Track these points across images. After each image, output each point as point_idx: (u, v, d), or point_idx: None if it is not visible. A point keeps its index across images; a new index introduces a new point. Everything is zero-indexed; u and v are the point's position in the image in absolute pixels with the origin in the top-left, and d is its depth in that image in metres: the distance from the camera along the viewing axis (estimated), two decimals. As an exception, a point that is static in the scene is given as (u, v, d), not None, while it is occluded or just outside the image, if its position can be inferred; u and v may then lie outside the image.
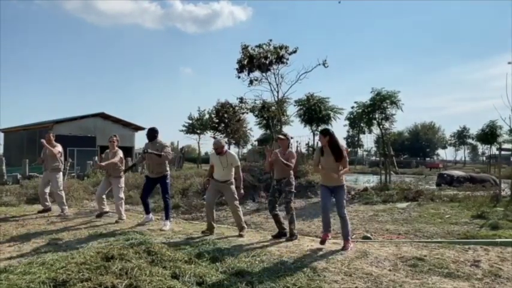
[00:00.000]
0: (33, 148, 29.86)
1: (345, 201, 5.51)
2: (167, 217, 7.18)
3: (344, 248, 5.17)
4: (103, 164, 7.81)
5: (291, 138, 6.32)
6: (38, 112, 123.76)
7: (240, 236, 6.19)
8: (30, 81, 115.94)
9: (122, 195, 7.84)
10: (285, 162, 5.82)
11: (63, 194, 8.53)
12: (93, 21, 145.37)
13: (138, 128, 38.05)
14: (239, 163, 6.54)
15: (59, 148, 8.52)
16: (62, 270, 3.86)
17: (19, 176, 16.97)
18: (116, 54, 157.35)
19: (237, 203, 6.40)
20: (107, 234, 6.12)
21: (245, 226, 6.54)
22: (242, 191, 6.49)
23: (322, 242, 5.37)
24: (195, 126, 40.34)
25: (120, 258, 4.28)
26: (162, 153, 6.91)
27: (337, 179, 5.34)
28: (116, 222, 7.42)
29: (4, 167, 17.49)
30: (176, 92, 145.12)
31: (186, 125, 40.74)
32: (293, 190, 6.03)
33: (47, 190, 8.56)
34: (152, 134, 7.13)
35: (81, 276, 3.69)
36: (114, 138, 8.01)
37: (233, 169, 6.44)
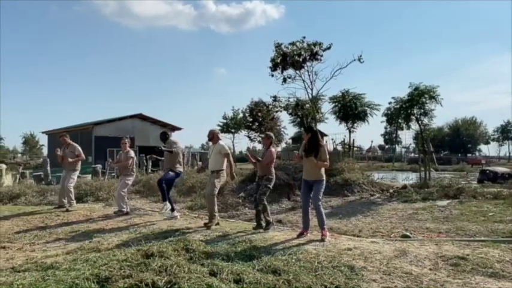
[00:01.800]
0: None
1: (321, 194, 5.76)
2: (163, 199, 7.64)
3: (322, 238, 5.44)
4: (114, 164, 8.85)
5: (271, 137, 6.84)
6: (78, 114, 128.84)
7: (205, 225, 6.46)
8: (70, 84, 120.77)
9: (124, 190, 8.43)
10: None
11: (72, 190, 9.18)
12: (128, 25, 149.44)
13: (174, 128, 38.72)
14: (228, 151, 6.87)
15: (78, 151, 9.39)
16: (105, 267, 3.99)
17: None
18: (151, 57, 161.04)
19: (213, 193, 6.65)
20: (146, 232, 6.28)
21: (215, 219, 6.63)
22: (235, 176, 7.14)
23: (299, 235, 5.77)
24: (229, 126, 40.64)
25: (159, 255, 4.39)
26: (173, 149, 7.53)
27: (315, 174, 5.71)
28: (115, 213, 8.32)
29: (49, 168, 18.30)
30: (211, 92, 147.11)
31: (221, 124, 41.07)
32: (270, 186, 6.46)
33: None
34: (164, 136, 8.02)
35: (122, 272, 3.81)
36: (126, 141, 8.85)
37: (224, 159, 6.80)
